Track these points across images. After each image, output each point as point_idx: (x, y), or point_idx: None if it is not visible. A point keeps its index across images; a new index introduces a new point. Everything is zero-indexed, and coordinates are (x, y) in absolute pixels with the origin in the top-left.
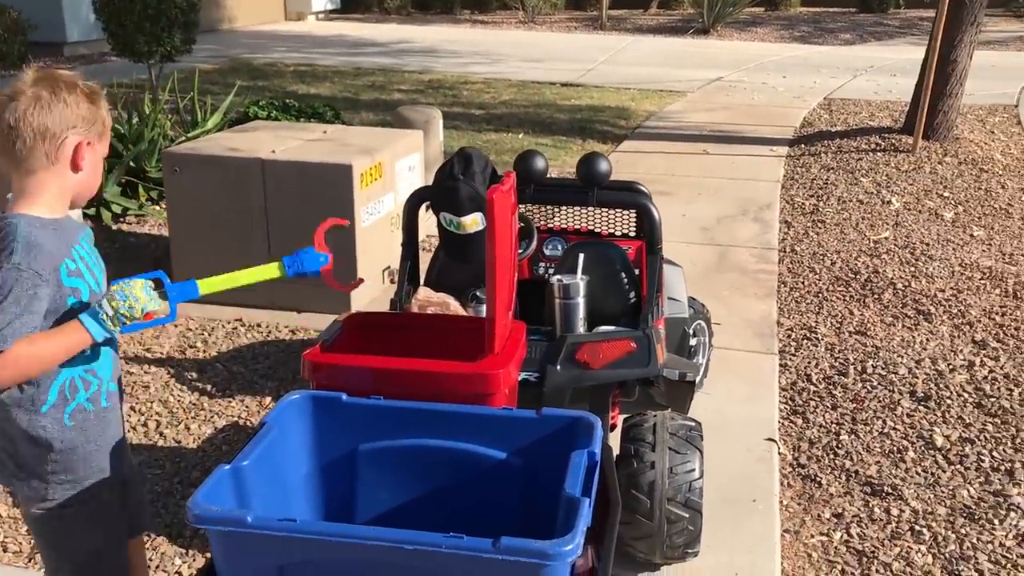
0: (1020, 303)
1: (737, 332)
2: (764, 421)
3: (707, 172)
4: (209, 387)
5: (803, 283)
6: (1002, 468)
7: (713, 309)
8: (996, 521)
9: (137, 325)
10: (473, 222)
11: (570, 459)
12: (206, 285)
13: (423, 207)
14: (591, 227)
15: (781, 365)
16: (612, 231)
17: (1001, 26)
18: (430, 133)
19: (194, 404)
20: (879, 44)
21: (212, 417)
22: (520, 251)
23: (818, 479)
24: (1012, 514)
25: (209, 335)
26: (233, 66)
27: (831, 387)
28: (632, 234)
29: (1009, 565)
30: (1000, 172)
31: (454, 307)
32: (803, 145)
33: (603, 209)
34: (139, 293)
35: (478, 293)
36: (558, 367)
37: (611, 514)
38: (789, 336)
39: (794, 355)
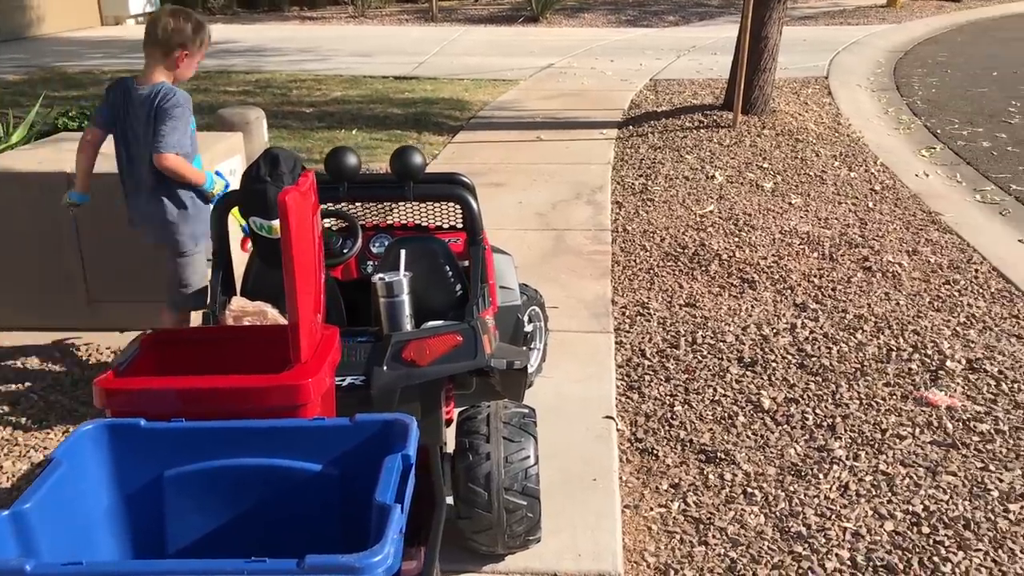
0: (836, 264)
1: (574, 314)
2: (602, 399)
3: (541, 158)
4: (24, 420)
5: (635, 261)
6: (824, 424)
7: (550, 293)
8: (821, 475)
9: None
10: None
11: (383, 464)
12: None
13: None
14: (419, 221)
15: (617, 343)
16: (440, 224)
17: (811, 2)
18: (253, 134)
19: (7, 440)
20: (701, 24)
21: (28, 452)
22: (346, 250)
23: (655, 452)
24: (835, 467)
25: (23, 363)
26: (44, 76)
27: (664, 360)
28: (460, 226)
29: (833, 516)
30: (814, 141)
31: (272, 316)
32: (631, 127)
33: (428, 203)
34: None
35: None
36: (384, 368)
37: (435, 514)
38: (624, 314)
39: (629, 332)
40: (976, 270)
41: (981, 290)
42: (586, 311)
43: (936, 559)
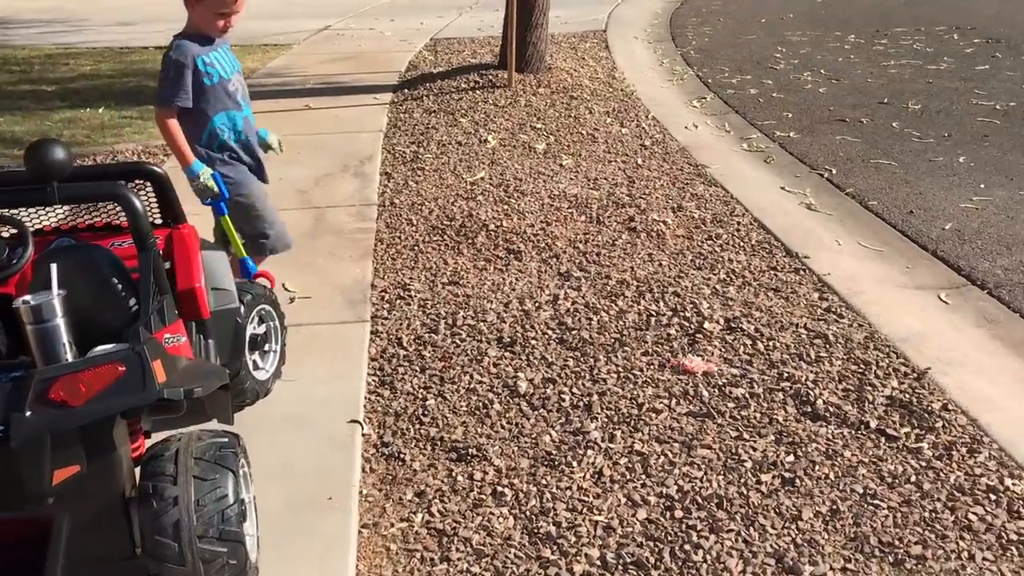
0: (602, 227)
1: (328, 303)
2: (349, 400)
3: (308, 129)
4: None
5: (400, 238)
6: (581, 404)
7: (305, 281)
8: (575, 463)
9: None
10: None
11: None
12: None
13: None
14: (112, 221)
15: (372, 332)
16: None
17: None
18: None
19: None
20: None
21: None
22: (15, 261)
23: (402, 456)
24: (589, 451)
25: None
26: None
27: (421, 348)
28: (160, 221)
29: (585, 509)
30: (588, 97)
31: None
32: (407, 90)
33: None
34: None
35: None
36: (27, 413)
37: None
38: (383, 298)
39: (387, 319)
40: (738, 223)
41: (742, 243)
42: (342, 298)
43: (688, 547)
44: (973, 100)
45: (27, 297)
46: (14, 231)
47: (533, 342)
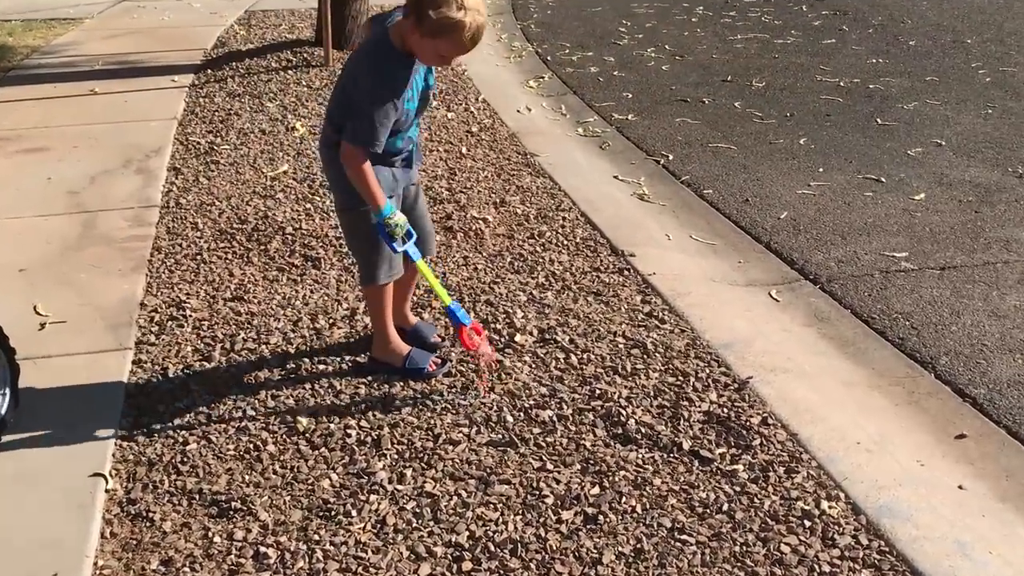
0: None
1: (86, 328)
2: (96, 448)
3: (91, 118)
4: None
5: (181, 245)
6: (369, 440)
7: (62, 301)
8: (355, 512)
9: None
10: None
11: None
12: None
13: None
14: None
15: (135, 362)
16: None
17: None
18: None
19: None
20: None
21: None
22: None
23: (151, 515)
24: (373, 496)
25: None
26: None
27: (189, 379)
28: None
29: (361, 568)
30: None
31: None
32: (211, 71)
33: None
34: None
35: None
36: None
37: None
38: (152, 320)
39: (154, 345)
40: (564, 218)
41: (566, 241)
42: (103, 322)
43: None
44: (818, 77)
45: None
46: None
47: (321, 367)
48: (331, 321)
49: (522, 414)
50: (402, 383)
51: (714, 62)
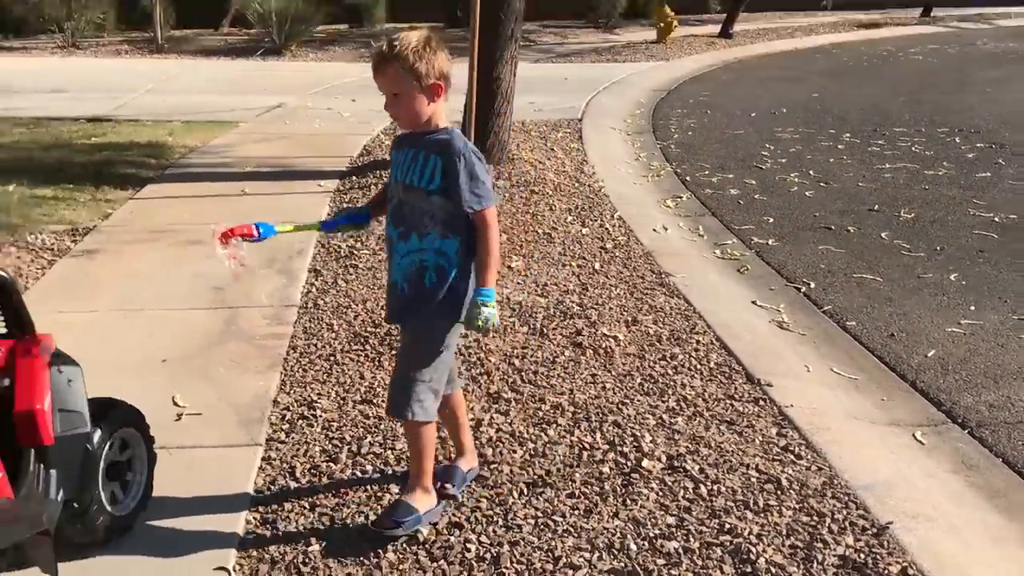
0: (544, 341)
1: (219, 422)
2: (223, 542)
3: (239, 217)
4: None
5: (316, 346)
6: (488, 556)
7: (200, 394)
8: None
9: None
10: None
11: None
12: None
13: None
14: None
15: (264, 459)
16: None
17: (582, 38)
18: None
19: None
20: (463, 60)
21: None
22: None
23: None
24: None
25: None
26: None
27: (316, 479)
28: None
29: None
30: (551, 193)
31: None
32: (355, 177)
33: None
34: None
35: None
36: None
37: None
38: (283, 418)
39: (283, 443)
40: (698, 341)
41: (700, 366)
42: (236, 417)
43: None
44: (971, 211)
45: None
46: None
47: None
48: None
49: (646, 543)
50: (524, 501)
51: (860, 190)
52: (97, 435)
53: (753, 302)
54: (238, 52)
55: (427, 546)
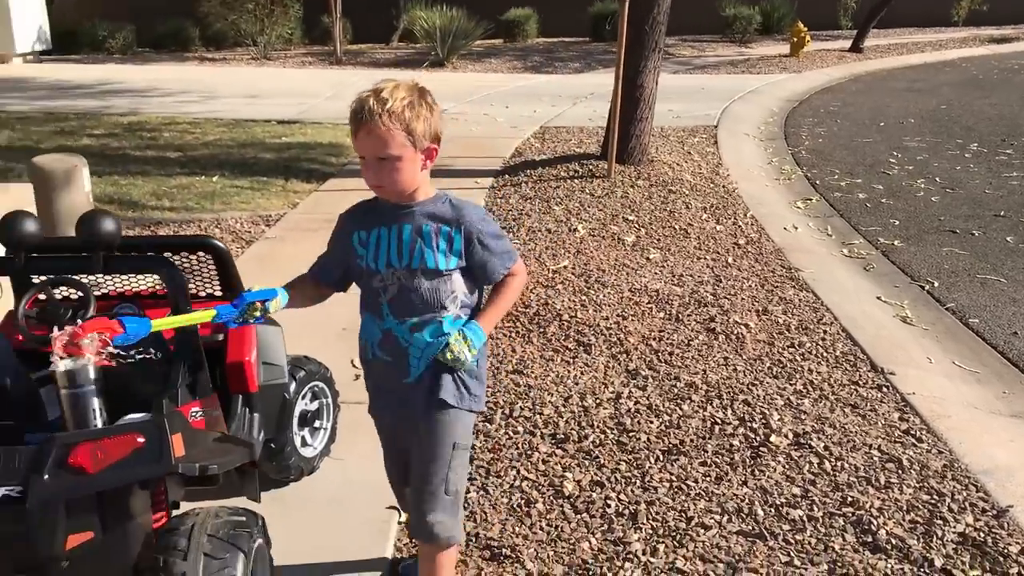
0: (679, 326)
1: None
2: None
3: None
4: None
5: None
6: (627, 512)
7: None
8: (610, 575)
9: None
10: None
11: None
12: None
13: None
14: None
15: None
16: (197, 293)
17: (719, 52)
18: (72, 183)
19: None
20: (605, 71)
21: None
22: (79, 322)
23: None
24: (628, 564)
25: None
26: None
27: (473, 437)
28: (219, 293)
29: None
30: (687, 192)
31: None
32: (507, 176)
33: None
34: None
35: None
36: (45, 476)
37: None
38: None
39: None
40: (825, 331)
41: (826, 354)
42: None
43: None
44: None
45: (63, 362)
46: (79, 294)
47: (587, 441)
48: (597, 401)
49: (773, 510)
50: (660, 466)
51: (986, 197)
52: (293, 386)
53: (878, 297)
54: (406, 63)
55: (571, 500)
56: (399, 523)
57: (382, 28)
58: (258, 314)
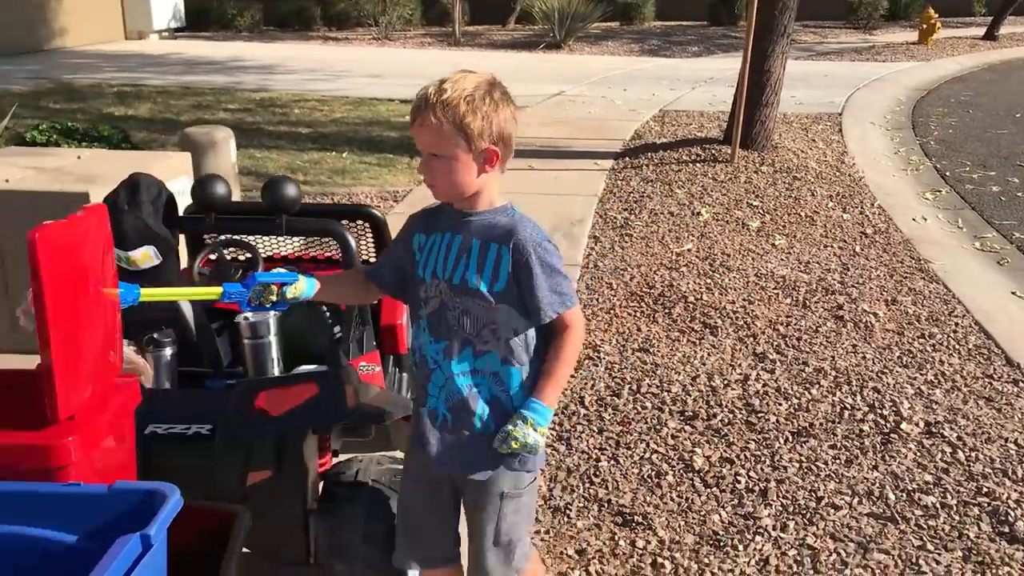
0: (807, 312)
1: None
2: None
3: (528, 188)
4: None
5: (598, 300)
6: (756, 489)
7: None
8: (741, 547)
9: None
10: (144, 256)
11: (112, 547)
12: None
13: None
14: (329, 255)
15: None
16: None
17: (841, 38)
18: (220, 154)
19: None
20: (724, 56)
21: None
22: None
23: (568, 512)
24: (758, 538)
25: None
26: (50, 88)
27: (602, 410)
28: (373, 260)
29: None
30: (812, 180)
31: (139, 363)
32: (628, 158)
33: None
34: None
35: (156, 336)
36: (232, 417)
37: None
38: None
39: (573, 377)
40: (956, 324)
41: (958, 346)
42: None
43: None
44: None
45: (247, 314)
46: (248, 255)
47: (716, 419)
48: (725, 382)
49: (904, 495)
50: (789, 447)
51: None
52: None
53: (1013, 292)
54: (522, 45)
55: (701, 474)
56: None
57: (499, 9)
58: (274, 298)
